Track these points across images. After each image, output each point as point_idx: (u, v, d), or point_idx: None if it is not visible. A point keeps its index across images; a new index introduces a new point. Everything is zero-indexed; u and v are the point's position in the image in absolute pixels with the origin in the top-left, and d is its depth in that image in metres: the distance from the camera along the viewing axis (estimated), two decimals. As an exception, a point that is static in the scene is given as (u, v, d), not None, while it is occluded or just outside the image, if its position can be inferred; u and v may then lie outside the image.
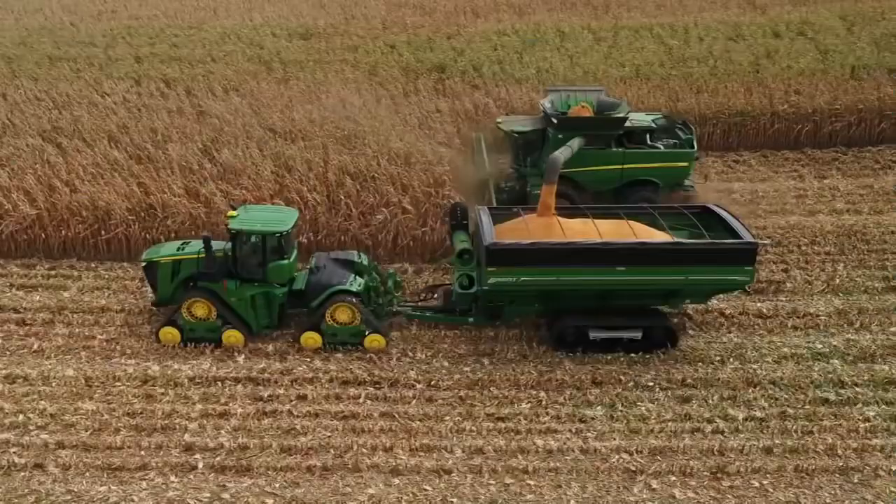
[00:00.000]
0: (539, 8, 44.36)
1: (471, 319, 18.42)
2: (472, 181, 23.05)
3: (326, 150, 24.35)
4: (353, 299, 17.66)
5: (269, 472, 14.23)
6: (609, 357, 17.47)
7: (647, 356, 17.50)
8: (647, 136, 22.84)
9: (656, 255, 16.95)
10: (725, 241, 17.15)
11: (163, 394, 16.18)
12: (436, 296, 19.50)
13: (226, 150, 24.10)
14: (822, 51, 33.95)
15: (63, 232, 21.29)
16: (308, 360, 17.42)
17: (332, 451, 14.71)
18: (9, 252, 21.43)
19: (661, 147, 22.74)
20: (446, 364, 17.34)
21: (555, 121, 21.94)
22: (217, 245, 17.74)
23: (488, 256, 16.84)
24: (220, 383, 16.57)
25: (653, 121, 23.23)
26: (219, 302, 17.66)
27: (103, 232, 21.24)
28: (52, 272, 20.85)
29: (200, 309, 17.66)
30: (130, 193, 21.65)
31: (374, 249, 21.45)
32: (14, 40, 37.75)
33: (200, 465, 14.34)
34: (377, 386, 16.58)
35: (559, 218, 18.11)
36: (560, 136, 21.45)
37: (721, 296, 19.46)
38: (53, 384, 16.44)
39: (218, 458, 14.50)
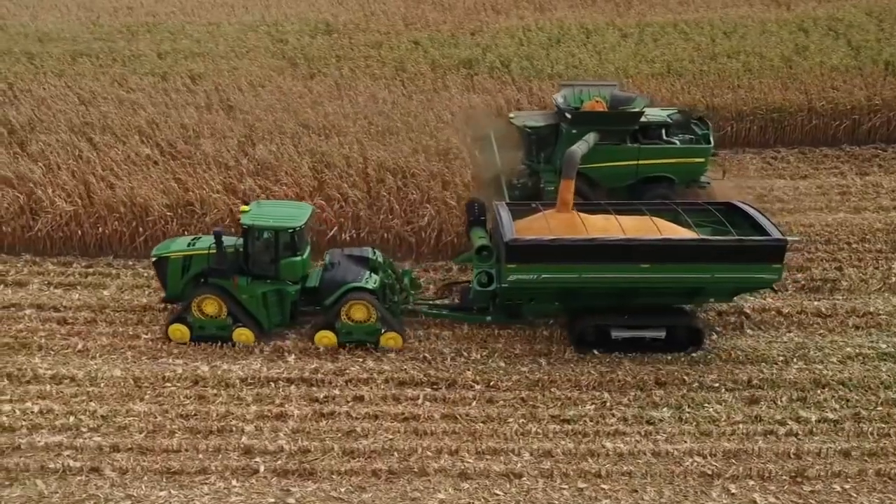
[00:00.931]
0: (560, 4, 43.76)
1: (488, 318, 17.91)
2: (484, 178, 22.55)
3: (363, 146, 23.87)
4: (369, 296, 17.12)
5: (334, 476, 13.75)
6: (669, 357, 17.02)
7: (709, 356, 17.05)
8: (663, 131, 22.25)
9: (682, 251, 16.40)
10: (754, 237, 16.57)
11: (215, 395, 15.69)
12: (447, 294, 19.05)
13: (260, 146, 23.62)
14: (854, 47, 33.48)
15: (100, 229, 20.81)
16: (360, 360, 16.95)
17: (395, 454, 14.24)
18: (44, 249, 20.93)
19: (677, 143, 22.17)
20: (503, 364, 16.87)
21: (568, 116, 21.37)
22: (229, 241, 17.25)
23: (508, 253, 16.31)
24: (272, 384, 16.08)
25: (668, 116, 22.68)
26: (229, 299, 17.13)
27: (141, 229, 20.75)
28: (90, 270, 20.36)
29: (211, 306, 17.14)
30: (169, 189, 21.15)
31: (418, 247, 21.03)
32: (32, 37, 37.19)
33: (262, 468, 13.85)
34: (434, 387, 16.10)
35: (580, 214, 17.57)
36: (574, 131, 20.89)
37: (778, 294, 19.06)
38: (101, 385, 15.93)
39: (279, 462, 14.02)
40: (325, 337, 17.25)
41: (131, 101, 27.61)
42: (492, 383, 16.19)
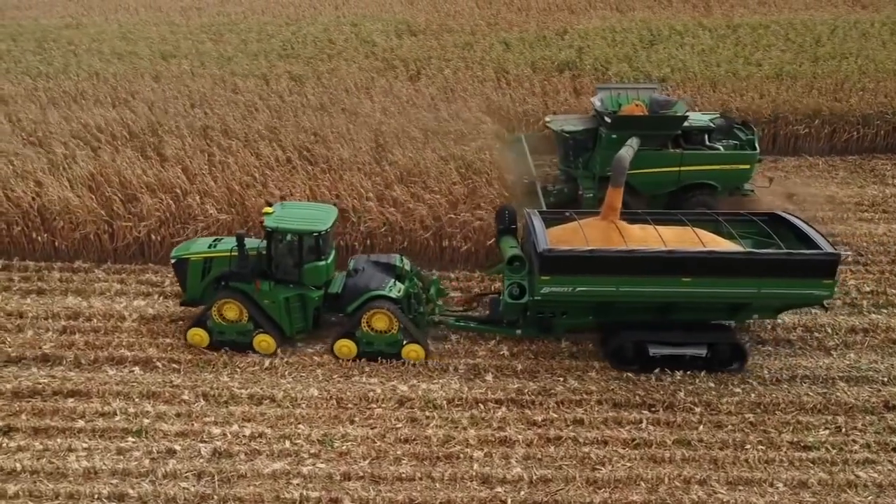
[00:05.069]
0: (636, 5, 42.98)
1: (518, 332, 17.05)
2: (517, 184, 21.75)
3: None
4: (391, 305, 16.27)
5: (588, 509, 12.91)
6: (886, 378, 16.15)
7: (927, 377, 16.21)
8: (706, 136, 21.36)
9: (726, 265, 15.39)
10: (805, 251, 15.56)
11: (427, 417, 14.81)
12: (476, 305, 18.24)
13: (397, 152, 22.73)
14: (965, 49, 32.74)
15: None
16: (562, 378, 16.11)
17: (642, 483, 13.36)
18: (192, 259, 20.02)
19: (721, 148, 21.28)
20: (712, 385, 15.99)
21: (608, 119, 20.52)
22: (251, 243, 16.48)
23: (542, 264, 15.41)
24: (481, 405, 15.21)
25: (710, 120, 21.82)
26: (251, 304, 16.36)
27: (295, 238, 19.81)
28: (248, 282, 19.45)
29: (231, 311, 16.37)
30: (320, 197, 20.25)
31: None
32: (115, 36, 36.30)
33: (509, 500, 12.95)
34: (652, 409, 15.23)
35: (618, 223, 16.63)
36: (614, 135, 20.10)
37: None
38: (303, 405, 15.07)
39: (523, 493, 13.13)
40: (345, 346, 16.46)
41: (243, 104, 26.74)
42: (711, 405, 15.31)
